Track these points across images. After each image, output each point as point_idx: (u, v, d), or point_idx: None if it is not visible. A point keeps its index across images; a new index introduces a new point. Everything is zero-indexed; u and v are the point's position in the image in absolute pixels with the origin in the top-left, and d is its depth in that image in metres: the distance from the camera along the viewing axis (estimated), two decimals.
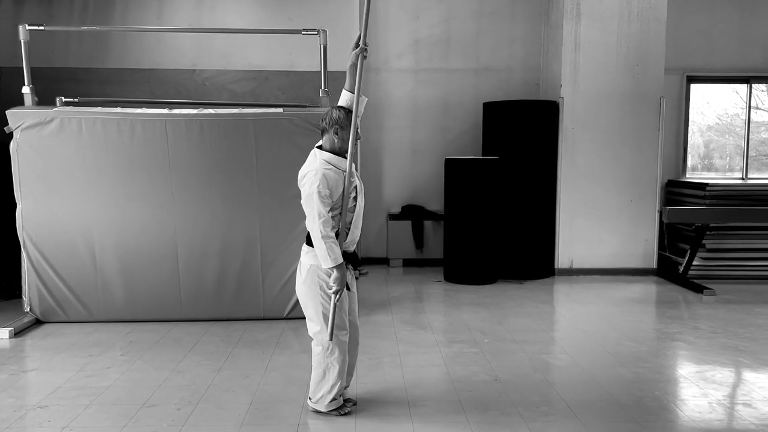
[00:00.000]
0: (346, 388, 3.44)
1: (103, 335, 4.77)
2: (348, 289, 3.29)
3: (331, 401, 3.31)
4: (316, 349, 3.29)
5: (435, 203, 7.60)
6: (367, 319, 5.22)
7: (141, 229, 5.00)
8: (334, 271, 3.06)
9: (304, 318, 5.01)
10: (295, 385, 3.77)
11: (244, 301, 5.16)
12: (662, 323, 5.17)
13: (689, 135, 7.86)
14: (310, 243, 3.19)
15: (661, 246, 7.19)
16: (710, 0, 7.59)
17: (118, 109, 4.91)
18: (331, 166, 3.13)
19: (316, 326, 3.25)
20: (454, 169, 6.75)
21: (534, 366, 4.11)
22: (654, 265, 7.07)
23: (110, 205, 4.97)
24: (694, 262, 6.72)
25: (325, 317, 3.20)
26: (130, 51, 7.23)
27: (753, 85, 7.74)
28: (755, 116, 7.93)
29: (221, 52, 7.26)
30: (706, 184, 6.86)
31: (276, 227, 5.07)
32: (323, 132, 3.22)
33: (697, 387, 3.76)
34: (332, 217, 3.11)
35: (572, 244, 7.05)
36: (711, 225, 6.63)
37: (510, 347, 4.49)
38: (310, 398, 3.39)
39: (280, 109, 5.01)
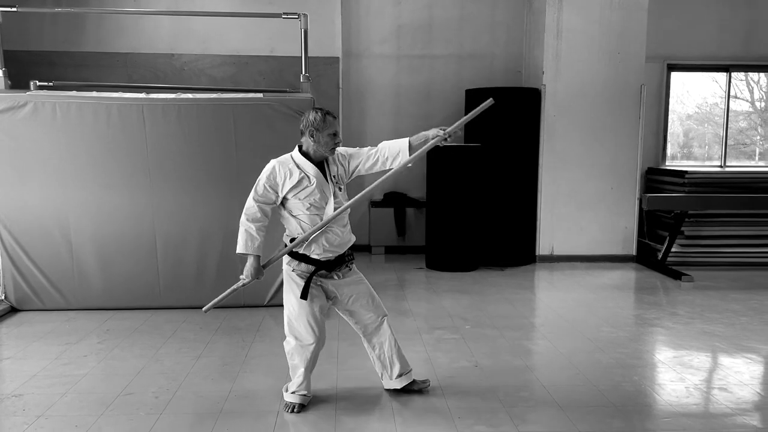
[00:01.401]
0: (406, 372, 3.40)
1: (80, 323, 4.70)
2: (331, 296, 3.28)
3: (293, 393, 3.26)
4: (285, 343, 3.28)
5: (417, 190, 7.58)
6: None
7: (118, 215, 4.92)
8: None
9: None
10: (275, 373, 3.74)
11: (224, 289, 5.05)
12: (641, 309, 5.22)
13: (669, 124, 7.92)
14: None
15: (641, 233, 7.25)
16: None
17: (94, 93, 4.81)
18: (291, 162, 3.13)
19: (285, 327, 3.25)
20: (436, 156, 6.73)
21: (514, 352, 4.13)
22: (633, 252, 7.13)
23: (86, 191, 4.88)
24: (674, 249, 6.79)
25: (288, 321, 3.22)
26: (106, 34, 7.10)
27: (732, 74, 7.80)
28: (734, 105, 8.01)
29: (200, 36, 7.14)
30: (686, 172, 6.92)
31: None
32: (301, 133, 3.18)
33: (675, 372, 3.81)
34: (294, 217, 3.14)
35: (553, 231, 7.09)
36: (690, 212, 6.69)
37: (490, 333, 4.51)
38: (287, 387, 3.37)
39: (260, 95, 4.94)
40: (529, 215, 7.06)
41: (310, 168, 3.13)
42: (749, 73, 8.00)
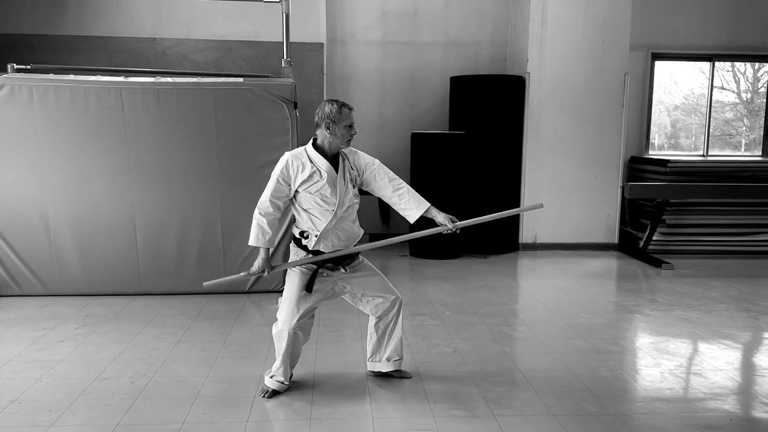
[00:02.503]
0: (397, 359, 3.41)
1: (58, 309, 4.66)
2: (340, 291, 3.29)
3: (270, 377, 3.25)
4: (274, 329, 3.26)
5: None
6: None
7: (97, 200, 4.88)
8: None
9: (266, 292, 5.09)
10: (253, 359, 3.74)
11: (205, 275, 5.02)
12: (620, 296, 5.26)
13: (656, 114, 7.95)
14: (295, 242, 3.22)
15: (623, 221, 7.30)
16: None
17: (71, 77, 4.75)
18: (304, 156, 3.11)
19: (280, 311, 3.22)
20: (420, 143, 6.73)
21: (493, 338, 4.15)
22: (616, 240, 7.18)
23: (64, 176, 4.83)
24: (656, 238, 6.85)
25: (281, 304, 3.22)
26: (87, 17, 6.98)
27: (717, 64, 7.84)
28: (720, 96, 8.05)
29: (183, 20, 7.05)
30: (668, 161, 6.95)
31: (237, 200, 4.99)
32: (316, 125, 3.16)
33: (650, 357, 3.84)
34: (305, 211, 3.13)
35: (536, 219, 7.11)
36: (671, 201, 6.74)
37: (470, 320, 4.52)
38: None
39: (241, 79, 4.89)
40: (512, 203, 7.07)
41: (322, 163, 3.11)
42: (735, 64, 8.03)
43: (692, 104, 8.16)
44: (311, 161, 3.11)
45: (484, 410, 3.08)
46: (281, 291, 5.05)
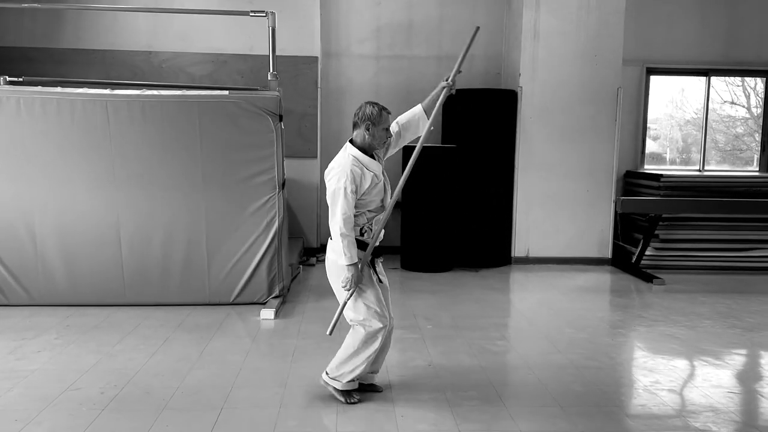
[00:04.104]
0: (373, 373, 3.42)
1: (41, 319, 4.69)
2: (380, 282, 3.28)
3: (350, 381, 3.27)
4: (358, 331, 3.22)
5: (393, 190, 7.55)
6: (316, 305, 5.20)
7: (82, 211, 4.92)
8: (348, 269, 3.07)
9: (252, 303, 5.08)
10: (226, 370, 3.74)
11: (190, 286, 5.10)
12: (606, 311, 5.22)
13: (667, 128, 7.88)
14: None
15: (615, 236, 7.25)
16: None
17: (58, 89, 4.81)
18: (360, 164, 3.12)
19: (360, 315, 3.20)
20: (410, 156, 6.71)
21: (470, 352, 4.12)
22: (609, 254, 7.12)
23: (51, 187, 4.88)
24: (649, 252, 6.79)
25: (367, 306, 3.18)
26: (84, 31, 7.10)
27: (727, 80, 7.80)
28: (731, 111, 8.00)
29: (179, 33, 7.14)
30: (661, 175, 6.91)
31: (222, 211, 5.01)
32: (354, 126, 3.19)
33: (627, 373, 3.80)
34: (365, 211, 3.18)
35: (529, 232, 7.08)
36: (664, 216, 6.68)
37: (450, 333, 4.50)
38: (327, 372, 3.34)
39: (226, 92, 4.94)
40: (504, 217, 7.06)
41: (375, 166, 3.17)
42: (745, 78, 7.97)
43: (702, 119, 8.07)
44: (366, 167, 3.13)
45: (450, 425, 3.05)
46: (265, 303, 5.10)
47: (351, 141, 3.23)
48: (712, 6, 7.63)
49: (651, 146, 8.13)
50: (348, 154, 3.16)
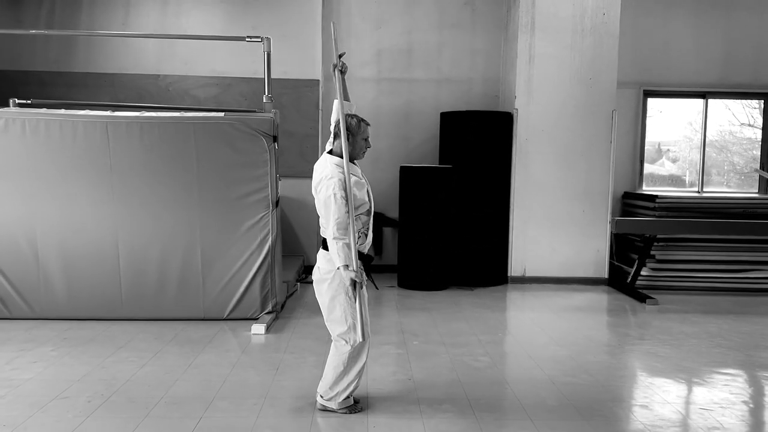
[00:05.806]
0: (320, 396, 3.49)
1: (40, 332, 4.85)
2: (362, 287, 3.34)
3: (345, 399, 3.39)
4: (342, 348, 3.32)
5: (394, 211, 7.67)
6: (308, 321, 5.31)
7: (83, 228, 5.10)
8: (342, 270, 3.15)
9: (244, 319, 5.21)
10: (211, 382, 3.85)
11: (185, 302, 5.25)
12: (594, 330, 5.25)
13: (686, 151, 7.89)
14: (326, 248, 3.29)
15: (613, 256, 7.28)
16: (666, 16, 7.74)
17: (62, 111, 5.03)
18: (342, 170, 3.24)
19: (342, 327, 3.30)
20: (408, 176, 6.87)
21: (452, 367, 4.19)
22: (606, 274, 7.16)
23: (53, 205, 5.08)
24: (646, 273, 6.81)
25: (348, 319, 3.27)
26: (95, 56, 7.38)
27: (743, 102, 7.84)
28: (748, 132, 8.02)
29: (184, 57, 7.40)
30: (656, 196, 6.96)
31: (216, 229, 5.17)
32: (335, 136, 3.34)
33: (604, 389, 3.84)
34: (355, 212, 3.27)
35: (525, 252, 7.15)
36: (659, 236, 6.72)
37: (436, 350, 4.58)
38: (321, 396, 3.44)
39: (221, 114, 5.12)
40: (501, 236, 7.14)
41: (356, 169, 3.34)
42: (761, 101, 7.98)
43: (723, 141, 8.10)
44: (348, 171, 3.24)
45: None
46: (257, 318, 5.22)
47: (330, 152, 3.35)
48: (708, 30, 7.73)
49: (670, 168, 8.18)
50: (330, 163, 3.29)
